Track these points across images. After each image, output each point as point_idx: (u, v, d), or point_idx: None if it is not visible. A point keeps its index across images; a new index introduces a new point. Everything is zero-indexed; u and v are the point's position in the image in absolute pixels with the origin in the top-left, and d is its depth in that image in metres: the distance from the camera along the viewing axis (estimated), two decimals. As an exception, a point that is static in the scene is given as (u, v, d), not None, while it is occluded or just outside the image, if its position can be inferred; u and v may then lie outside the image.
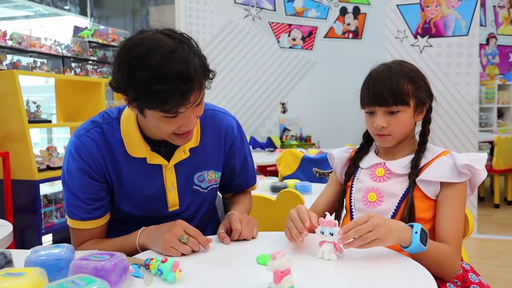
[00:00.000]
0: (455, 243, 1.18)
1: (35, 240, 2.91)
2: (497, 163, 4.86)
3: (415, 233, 1.07)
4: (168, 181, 1.26)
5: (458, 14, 3.90)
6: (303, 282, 0.92)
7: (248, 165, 1.44)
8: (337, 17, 5.76)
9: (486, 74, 6.87)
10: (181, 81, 1.03)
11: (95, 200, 1.23)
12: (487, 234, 3.99)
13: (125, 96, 1.11)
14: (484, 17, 6.78)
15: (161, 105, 1.05)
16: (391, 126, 1.25)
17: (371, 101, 1.26)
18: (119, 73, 1.08)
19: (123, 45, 1.09)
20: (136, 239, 1.18)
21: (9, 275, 0.79)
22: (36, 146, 3.21)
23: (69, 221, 1.25)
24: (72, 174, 1.21)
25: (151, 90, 1.03)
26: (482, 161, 1.22)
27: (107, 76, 3.86)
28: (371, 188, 1.29)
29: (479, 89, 4.86)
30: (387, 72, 1.25)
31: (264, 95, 5.37)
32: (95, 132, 1.22)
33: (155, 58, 1.02)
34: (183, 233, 1.10)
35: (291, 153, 3.18)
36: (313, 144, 5.35)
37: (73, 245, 1.20)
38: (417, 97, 1.26)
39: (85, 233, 1.25)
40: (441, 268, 1.16)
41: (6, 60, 3.09)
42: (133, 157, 1.22)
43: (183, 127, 1.13)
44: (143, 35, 1.08)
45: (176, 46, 1.05)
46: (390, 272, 1.00)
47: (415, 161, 1.26)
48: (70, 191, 1.22)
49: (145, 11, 7.65)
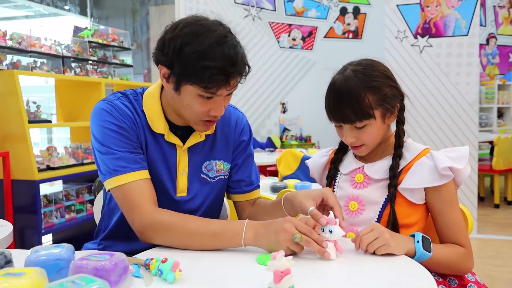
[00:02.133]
0: (464, 241, 1.18)
1: (35, 240, 2.90)
2: (497, 163, 4.86)
3: (417, 242, 1.08)
4: (181, 163, 1.28)
5: (458, 14, 3.90)
6: (303, 282, 0.92)
7: (252, 162, 1.44)
8: (337, 17, 5.76)
9: (486, 74, 6.87)
10: (228, 63, 1.11)
11: (137, 153, 1.21)
12: (487, 234, 3.99)
13: (167, 70, 1.15)
14: (484, 17, 6.78)
15: (205, 81, 1.10)
16: (361, 139, 1.21)
17: (334, 117, 1.22)
18: (170, 45, 1.13)
19: (177, 22, 1.17)
20: (242, 231, 1.10)
21: (9, 275, 0.79)
22: (36, 146, 3.21)
23: (118, 179, 1.16)
24: (109, 130, 1.19)
25: (199, 65, 1.09)
26: (463, 158, 1.17)
27: (107, 76, 3.86)
28: (351, 197, 1.27)
29: (479, 89, 4.87)
30: (344, 85, 1.18)
31: (264, 95, 5.37)
32: (125, 100, 1.26)
33: (210, 38, 1.10)
34: (295, 231, 1.05)
35: (291, 153, 3.18)
36: (313, 144, 5.35)
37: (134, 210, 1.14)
38: (381, 106, 1.19)
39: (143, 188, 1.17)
40: (455, 269, 1.17)
41: (6, 60, 3.09)
42: (154, 132, 1.25)
43: (212, 111, 1.18)
44: (198, 17, 1.17)
45: (228, 34, 1.15)
46: (390, 272, 1.00)
47: (393, 169, 1.21)
48: (110, 148, 1.18)
49: (145, 11, 7.66)
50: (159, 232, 1.15)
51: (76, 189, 3.34)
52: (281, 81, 5.48)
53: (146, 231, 1.16)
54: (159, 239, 1.15)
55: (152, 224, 1.15)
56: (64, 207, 3.22)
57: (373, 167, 1.26)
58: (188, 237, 1.13)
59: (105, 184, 1.21)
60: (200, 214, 1.32)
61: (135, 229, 1.18)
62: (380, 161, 1.26)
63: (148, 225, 1.15)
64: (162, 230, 1.14)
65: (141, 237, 1.18)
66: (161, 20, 7.39)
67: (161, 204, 1.21)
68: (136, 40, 7.62)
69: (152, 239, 1.16)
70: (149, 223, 1.15)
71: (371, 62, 1.24)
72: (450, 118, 3.93)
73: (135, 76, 4.60)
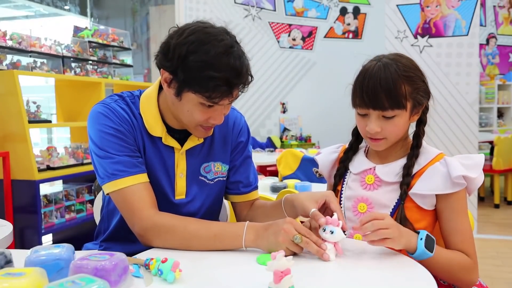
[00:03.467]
0: (470, 252, 1.14)
1: (35, 240, 2.90)
2: (497, 163, 4.86)
3: (420, 240, 1.05)
4: (179, 166, 1.27)
5: (458, 14, 3.90)
6: (303, 282, 0.92)
7: (250, 163, 1.44)
8: (337, 17, 5.76)
9: (486, 74, 6.87)
10: (233, 74, 1.10)
11: (135, 157, 1.20)
12: (487, 234, 3.99)
13: (169, 75, 1.14)
14: (484, 17, 6.78)
15: (209, 91, 1.10)
16: (386, 131, 1.17)
17: (365, 103, 1.16)
18: (175, 52, 1.11)
19: (183, 28, 1.15)
20: (242, 232, 1.10)
21: (9, 275, 0.79)
22: (36, 146, 3.21)
23: (116, 183, 1.16)
24: (107, 134, 1.18)
25: (204, 75, 1.09)
26: (478, 167, 1.15)
27: (107, 76, 3.86)
28: (361, 198, 1.25)
29: (479, 89, 4.87)
30: (383, 71, 1.14)
31: (264, 95, 5.37)
32: (122, 103, 1.25)
33: (216, 47, 1.09)
34: (295, 232, 1.05)
35: (291, 153, 3.18)
36: (313, 144, 5.35)
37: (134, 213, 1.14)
38: (414, 99, 1.17)
39: (142, 191, 1.17)
40: (455, 277, 1.13)
41: (6, 60, 3.09)
42: (151, 135, 1.25)
43: (211, 120, 1.18)
44: (205, 24, 1.15)
45: (234, 44, 1.14)
46: (390, 272, 1.00)
47: (407, 168, 1.18)
48: (107, 152, 1.18)
49: (145, 11, 7.66)
50: (159, 234, 1.14)
51: (76, 189, 3.34)
52: (281, 81, 5.48)
53: (147, 234, 1.16)
54: (160, 242, 1.15)
55: (153, 227, 1.14)
56: (64, 207, 3.22)
57: (384, 168, 1.23)
58: (189, 239, 1.13)
59: (104, 188, 1.20)
60: (200, 216, 1.31)
61: (136, 233, 1.18)
62: (393, 163, 1.23)
63: (149, 228, 1.15)
64: (162, 233, 1.14)
65: (142, 240, 1.17)
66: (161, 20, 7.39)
67: (160, 207, 1.21)
68: (136, 40, 7.62)
69: (153, 242, 1.16)
70: (150, 226, 1.15)
71: (405, 56, 1.22)
72: (450, 118, 3.93)
73: (135, 76, 4.60)
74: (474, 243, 1.17)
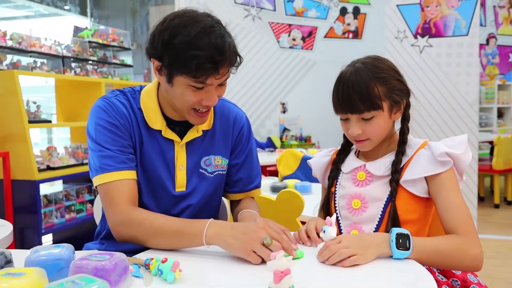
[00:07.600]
0: (465, 229, 1.11)
1: (35, 240, 2.90)
2: (497, 163, 4.86)
3: (392, 242, 1.05)
4: (179, 159, 1.29)
5: (458, 14, 3.90)
6: (303, 282, 0.92)
7: (253, 160, 1.45)
8: (337, 17, 5.76)
9: (486, 74, 6.87)
10: (216, 51, 1.11)
11: (126, 153, 1.23)
12: (487, 234, 3.99)
13: (158, 62, 1.17)
14: (484, 17, 6.78)
15: (193, 71, 1.12)
16: (367, 132, 1.21)
17: (342, 108, 1.22)
18: (159, 38, 1.15)
19: (166, 16, 1.18)
20: (203, 228, 1.09)
21: (9, 275, 0.79)
22: (36, 146, 3.21)
23: (103, 176, 1.19)
24: (102, 127, 1.22)
25: (187, 55, 1.11)
26: (461, 144, 1.17)
27: (107, 76, 3.86)
28: (354, 195, 1.27)
29: (479, 89, 4.87)
30: (354, 76, 1.19)
31: (264, 95, 5.36)
32: (122, 98, 1.29)
33: (196, 28, 1.12)
34: (265, 234, 1.05)
35: (291, 153, 3.18)
36: (313, 144, 5.35)
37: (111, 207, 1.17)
38: (390, 98, 1.20)
39: (123, 187, 1.19)
40: (453, 261, 1.10)
41: (6, 60, 3.09)
42: (151, 128, 1.27)
43: (205, 101, 1.18)
44: (187, 10, 1.18)
45: (215, 25, 1.16)
46: (390, 272, 1.00)
47: (396, 165, 1.21)
48: (100, 145, 1.21)
49: (145, 11, 7.66)
50: (127, 228, 1.17)
51: (76, 189, 3.34)
52: (281, 81, 5.48)
53: (117, 227, 1.18)
54: (127, 236, 1.18)
55: (124, 221, 1.17)
56: (64, 207, 3.22)
57: (374, 164, 1.26)
58: (153, 234, 1.14)
59: (93, 180, 1.24)
60: (199, 209, 1.33)
61: (109, 226, 1.21)
62: (382, 159, 1.26)
63: (120, 222, 1.17)
64: (130, 227, 1.16)
65: (114, 235, 1.20)
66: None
67: (161, 200, 1.25)
68: (136, 40, 7.62)
69: (123, 236, 1.18)
70: (122, 220, 1.17)
71: (379, 57, 1.26)
72: (450, 118, 3.93)
73: (135, 76, 4.60)
74: (472, 218, 1.14)
